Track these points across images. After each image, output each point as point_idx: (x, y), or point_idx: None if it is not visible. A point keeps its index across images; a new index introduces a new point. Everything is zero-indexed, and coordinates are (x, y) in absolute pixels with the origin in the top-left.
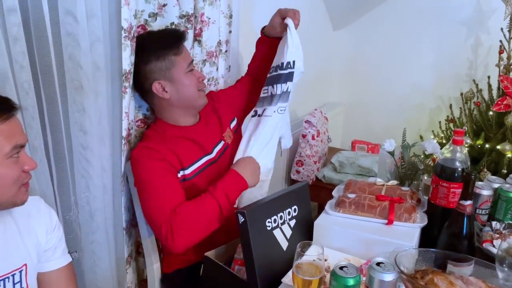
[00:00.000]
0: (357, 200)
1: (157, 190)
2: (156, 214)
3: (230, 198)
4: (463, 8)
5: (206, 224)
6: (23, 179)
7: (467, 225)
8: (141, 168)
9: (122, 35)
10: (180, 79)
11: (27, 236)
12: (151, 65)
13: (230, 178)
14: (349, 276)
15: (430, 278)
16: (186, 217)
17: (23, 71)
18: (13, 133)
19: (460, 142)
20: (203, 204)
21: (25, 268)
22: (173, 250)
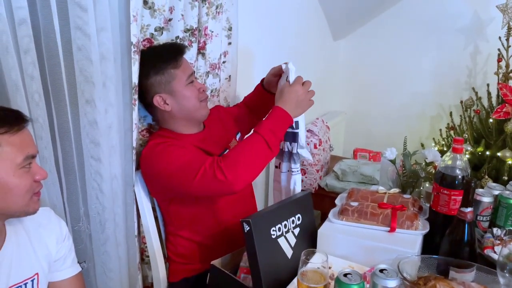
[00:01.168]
0: (359, 208)
1: (189, 159)
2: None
3: (276, 134)
4: (461, 17)
5: (254, 159)
6: (35, 188)
7: (468, 231)
8: (161, 154)
9: (132, 49)
10: (180, 91)
11: (38, 246)
12: (151, 79)
13: (274, 114)
14: (353, 283)
15: (432, 284)
16: (233, 154)
17: (33, 82)
18: (25, 144)
19: (459, 150)
20: (249, 142)
21: (37, 277)
22: (228, 188)
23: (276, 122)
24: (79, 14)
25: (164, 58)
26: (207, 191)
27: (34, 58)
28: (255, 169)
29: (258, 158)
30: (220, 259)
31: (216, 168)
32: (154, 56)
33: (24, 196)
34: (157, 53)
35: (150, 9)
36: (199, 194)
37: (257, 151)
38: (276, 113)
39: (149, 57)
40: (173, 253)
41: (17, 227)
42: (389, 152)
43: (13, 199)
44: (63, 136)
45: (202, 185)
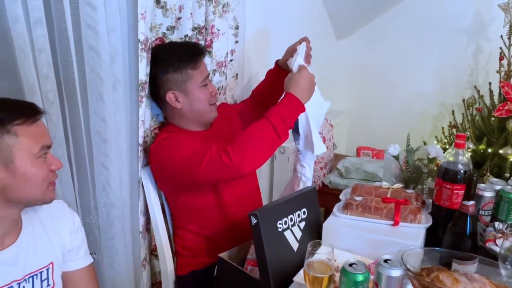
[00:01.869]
0: (364, 203)
1: (196, 148)
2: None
3: (286, 121)
4: (463, 16)
5: (261, 144)
6: (51, 177)
7: (470, 224)
8: (168, 146)
9: (139, 47)
10: (194, 92)
11: (53, 237)
12: (169, 75)
13: (285, 101)
14: (358, 272)
15: (435, 275)
16: (240, 139)
17: (48, 81)
18: (40, 135)
19: (462, 146)
20: (257, 127)
21: (52, 266)
22: (235, 171)
23: (287, 108)
24: (90, 13)
25: (185, 57)
26: (215, 176)
27: (49, 58)
28: (262, 154)
29: (265, 143)
30: (227, 252)
31: (222, 152)
32: (174, 53)
33: (41, 185)
34: (178, 51)
35: (162, 8)
36: (207, 181)
37: (264, 136)
38: (286, 99)
39: (169, 53)
40: (181, 247)
41: (32, 218)
42: (392, 148)
43: (31, 188)
44: (75, 133)
45: (209, 170)
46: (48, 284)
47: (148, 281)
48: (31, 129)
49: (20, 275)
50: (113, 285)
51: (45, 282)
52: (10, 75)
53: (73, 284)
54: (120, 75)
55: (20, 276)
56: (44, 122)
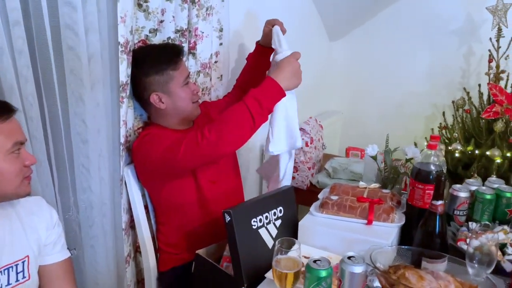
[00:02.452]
0: (339, 202)
1: (175, 139)
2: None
3: (262, 104)
4: (455, 18)
5: (237, 125)
6: (25, 172)
7: (439, 224)
8: (149, 141)
9: (119, 49)
10: (176, 92)
11: (30, 231)
12: (151, 78)
13: (263, 84)
14: (321, 268)
15: (401, 272)
16: (217, 121)
17: (28, 84)
18: (13, 131)
19: (434, 147)
20: (233, 109)
21: (27, 259)
22: (213, 149)
23: (264, 91)
24: (69, 12)
25: (165, 59)
26: (194, 158)
27: (27, 59)
28: (238, 135)
29: (241, 125)
30: (205, 248)
31: (199, 134)
32: (155, 56)
33: (14, 179)
34: (158, 54)
35: (144, 11)
36: (187, 164)
37: (240, 118)
38: (265, 83)
39: (150, 56)
40: (163, 243)
41: (9, 212)
42: (370, 148)
43: (4, 183)
44: (55, 134)
45: (187, 152)
46: (23, 277)
47: (133, 277)
48: (3, 126)
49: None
50: (95, 281)
51: (21, 275)
52: None
53: (49, 278)
54: (99, 76)
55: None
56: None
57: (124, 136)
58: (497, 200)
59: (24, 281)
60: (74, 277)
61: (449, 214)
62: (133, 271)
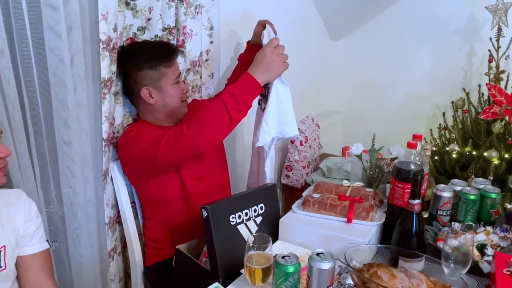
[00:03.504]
0: (320, 200)
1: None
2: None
3: (238, 100)
4: (457, 18)
5: (214, 122)
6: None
7: (416, 223)
8: (133, 137)
9: (100, 46)
10: (167, 89)
11: (6, 222)
12: (143, 72)
13: (239, 80)
14: (289, 264)
15: (374, 270)
16: (194, 117)
17: (10, 85)
18: None
19: (414, 146)
20: (210, 105)
21: (4, 250)
22: (192, 144)
23: (240, 86)
24: (51, 14)
25: (160, 55)
26: (173, 154)
27: (9, 61)
28: (216, 131)
29: (218, 121)
30: (186, 244)
31: (178, 130)
32: (150, 52)
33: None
34: (153, 50)
35: (132, 10)
36: (167, 160)
37: (216, 114)
38: (241, 78)
39: (144, 51)
40: (149, 238)
41: None
42: (354, 147)
43: None
44: (38, 137)
45: (167, 149)
46: (0, 266)
47: (118, 272)
48: None
49: None
50: (79, 275)
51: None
52: None
53: (26, 268)
54: (82, 74)
55: None
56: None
57: (107, 133)
58: (482, 200)
59: (0, 270)
60: (52, 268)
61: (433, 214)
62: (119, 265)
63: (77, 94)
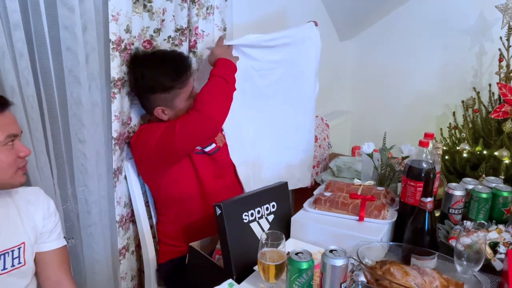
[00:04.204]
0: (332, 198)
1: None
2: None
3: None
4: (467, 17)
5: (219, 93)
6: (19, 163)
7: (428, 221)
8: (144, 133)
9: (111, 46)
10: (180, 106)
11: (26, 219)
12: (157, 95)
13: (219, 63)
14: (303, 260)
15: (387, 268)
16: (198, 97)
17: (29, 86)
18: (6, 124)
19: (426, 144)
20: (209, 83)
21: (23, 246)
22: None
23: (224, 66)
24: (66, 13)
25: (173, 78)
26: (191, 134)
27: (27, 61)
28: (223, 101)
29: (221, 92)
30: (199, 241)
31: (190, 112)
32: (163, 74)
33: (8, 170)
34: (166, 71)
35: (149, 12)
36: (185, 144)
37: (218, 86)
38: (221, 61)
39: (157, 73)
40: (162, 235)
41: (7, 201)
42: (366, 146)
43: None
44: (55, 135)
45: (183, 131)
46: (19, 262)
47: (130, 270)
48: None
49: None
50: (93, 271)
51: (16, 260)
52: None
53: (44, 264)
54: (96, 73)
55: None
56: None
57: (118, 132)
58: (494, 199)
59: (19, 266)
60: (69, 265)
61: (444, 212)
62: (132, 264)
63: (92, 92)
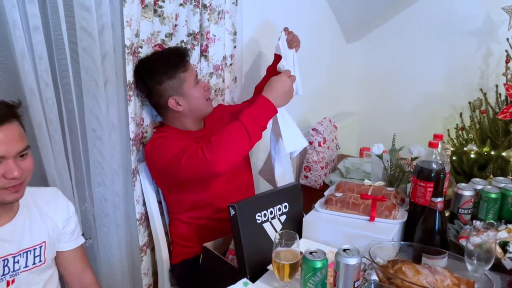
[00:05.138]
0: (343, 199)
1: (181, 147)
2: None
3: (257, 121)
4: (474, 19)
5: (233, 143)
6: (5, 184)
7: (439, 220)
8: (160, 146)
9: (126, 51)
10: (190, 92)
11: (46, 219)
12: (165, 84)
13: (256, 102)
14: (317, 259)
15: (399, 267)
16: (215, 139)
17: (47, 87)
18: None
19: (435, 145)
20: (230, 128)
21: (44, 245)
22: (210, 168)
23: (258, 110)
24: (84, 15)
25: (174, 63)
26: (193, 172)
27: (47, 63)
28: (235, 153)
29: (238, 143)
30: (213, 242)
31: (199, 150)
32: (164, 63)
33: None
34: (166, 60)
35: (159, 16)
36: (187, 177)
37: (236, 136)
38: (258, 101)
39: (158, 64)
40: (175, 236)
41: (29, 202)
42: (375, 147)
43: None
44: (72, 133)
45: (187, 166)
46: (40, 260)
47: (151, 266)
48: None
49: (15, 250)
50: (110, 269)
51: (38, 258)
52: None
53: (69, 262)
54: (112, 73)
55: (15, 250)
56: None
57: (134, 133)
58: (503, 199)
59: (40, 264)
60: (88, 259)
61: (454, 212)
62: (149, 262)
63: (107, 90)
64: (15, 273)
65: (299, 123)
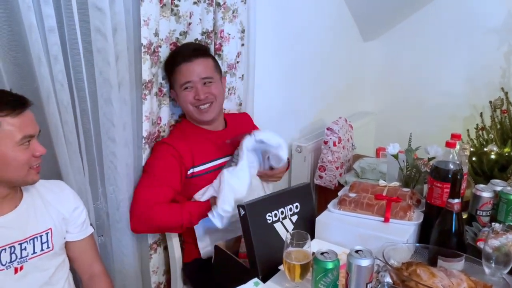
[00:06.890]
0: (356, 199)
1: (156, 177)
2: (143, 196)
3: (192, 219)
4: (495, 16)
5: (166, 229)
6: (32, 162)
7: (455, 222)
8: (153, 156)
9: (142, 50)
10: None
11: (50, 207)
12: (173, 76)
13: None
14: (328, 260)
15: (413, 269)
16: (156, 218)
17: (63, 89)
18: (24, 125)
19: (452, 145)
20: (171, 215)
21: (51, 231)
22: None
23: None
24: (98, 16)
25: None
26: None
27: (62, 65)
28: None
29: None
30: (225, 241)
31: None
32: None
33: (21, 168)
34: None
35: (175, 15)
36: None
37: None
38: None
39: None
40: (187, 236)
41: (32, 192)
42: (391, 147)
43: (11, 170)
44: (87, 134)
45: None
46: (48, 247)
47: (162, 265)
48: (14, 120)
49: (21, 237)
50: (122, 265)
51: (45, 245)
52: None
53: (79, 251)
54: (125, 74)
55: (21, 237)
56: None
57: (148, 131)
58: None
59: (48, 251)
60: (97, 248)
61: (472, 214)
62: (162, 260)
63: (121, 91)
64: (23, 259)
65: (313, 122)
